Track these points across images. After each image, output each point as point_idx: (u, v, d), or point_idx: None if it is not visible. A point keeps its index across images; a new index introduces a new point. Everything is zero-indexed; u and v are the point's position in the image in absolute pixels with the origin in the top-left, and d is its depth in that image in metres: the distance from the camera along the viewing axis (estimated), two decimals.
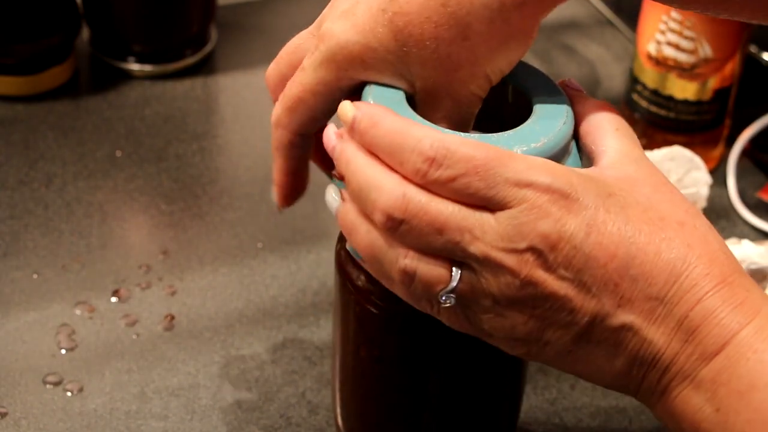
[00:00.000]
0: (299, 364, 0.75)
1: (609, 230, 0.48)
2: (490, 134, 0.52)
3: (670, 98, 0.88)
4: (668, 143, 0.83)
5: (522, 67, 0.56)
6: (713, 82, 0.87)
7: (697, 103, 0.88)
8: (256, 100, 0.97)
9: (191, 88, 0.98)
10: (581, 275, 0.48)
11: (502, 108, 0.58)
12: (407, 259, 0.50)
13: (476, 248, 0.49)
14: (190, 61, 1.00)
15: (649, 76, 0.88)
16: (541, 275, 0.49)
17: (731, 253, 0.50)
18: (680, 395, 0.49)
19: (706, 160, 0.83)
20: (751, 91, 0.95)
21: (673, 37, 0.86)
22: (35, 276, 0.80)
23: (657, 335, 0.49)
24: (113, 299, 0.78)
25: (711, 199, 0.85)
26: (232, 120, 0.96)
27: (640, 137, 0.90)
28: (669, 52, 0.86)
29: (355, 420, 0.65)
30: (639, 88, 0.89)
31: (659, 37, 0.86)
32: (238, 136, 0.94)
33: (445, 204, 0.49)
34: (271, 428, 0.71)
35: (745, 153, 0.92)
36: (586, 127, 0.54)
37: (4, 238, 0.82)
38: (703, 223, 0.50)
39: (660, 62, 0.87)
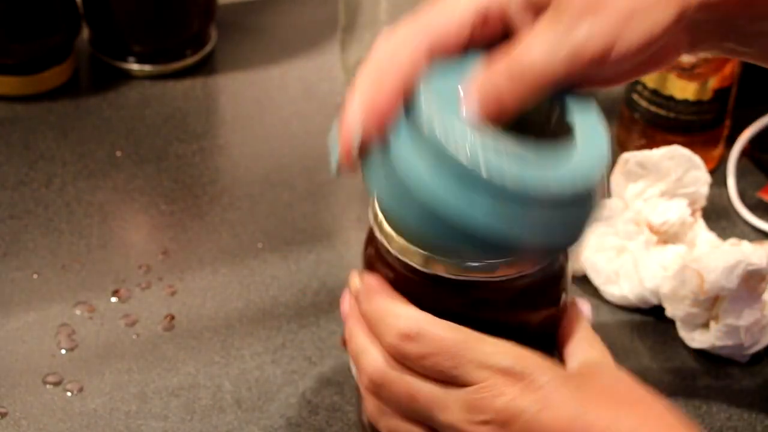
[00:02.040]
0: (299, 364, 0.75)
1: (561, 407, 0.53)
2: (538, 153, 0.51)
3: (670, 98, 0.88)
4: (668, 143, 0.83)
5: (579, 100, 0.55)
6: (713, 82, 0.87)
7: (697, 103, 0.88)
8: (256, 100, 0.97)
9: (191, 88, 0.98)
10: None
11: (543, 129, 0.57)
12: (392, 420, 0.57)
13: (444, 418, 0.54)
14: (190, 61, 1.00)
15: (649, 76, 0.88)
16: None
17: (688, 424, 0.53)
18: None
19: (706, 160, 0.83)
20: (751, 91, 0.95)
21: None
22: (35, 276, 0.80)
23: None
24: (113, 299, 0.78)
25: (711, 199, 0.85)
26: (232, 120, 0.96)
27: (640, 137, 0.91)
28: None
29: None
30: (639, 88, 0.89)
31: None
32: (238, 136, 0.94)
33: (415, 378, 0.55)
34: (271, 428, 0.71)
35: (745, 153, 0.92)
36: (565, 328, 0.58)
37: (4, 238, 0.82)
38: (661, 403, 0.54)
39: None
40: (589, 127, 0.54)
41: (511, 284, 0.57)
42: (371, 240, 0.60)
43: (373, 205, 0.58)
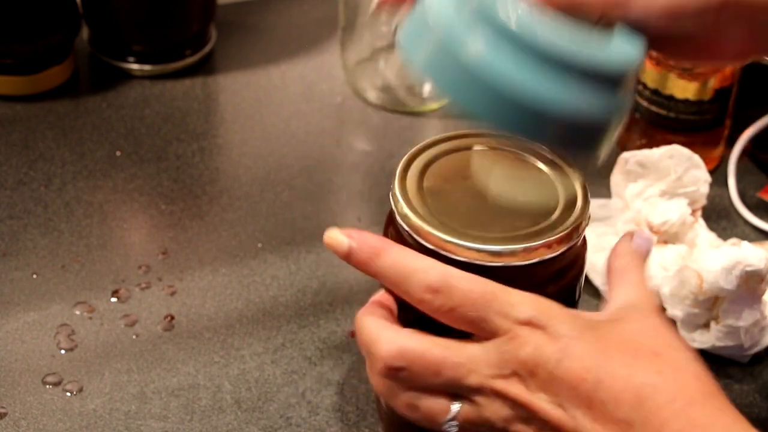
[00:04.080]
0: (299, 364, 0.75)
1: (579, 356, 0.53)
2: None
3: (671, 98, 0.88)
4: (669, 143, 0.83)
5: None
6: (714, 82, 0.87)
7: (698, 103, 0.88)
8: (256, 100, 0.97)
9: (191, 88, 0.98)
10: (558, 397, 0.54)
11: None
12: (408, 396, 0.56)
13: (472, 380, 0.55)
14: (189, 60, 1.00)
15: (650, 76, 0.88)
16: (526, 396, 0.54)
17: (707, 378, 0.53)
18: None
19: (706, 160, 0.83)
20: (752, 91, 0.94)
21: None
22: (35, 276, 0.80)
23: None
24: (113, 299, 0.78)
25: (711, 199, 0.85)
26: (232, 120, 0.96)
27: (640, 137, 0.90)
28: None
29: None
30: (639, 87, 0.89)
31: None
32: (238, 136, 0.94)
33: (438, 346, 0.55)
34: (271, 428, 0.71)
35: (746, 153, 0.92)
36: (612, 266, 0.59)
37: (4, 238, 0.82)
38: (683, 354, 0.54)
39: (660, 62, 0.87)
40: (626, 41, 0.57)
41: (529, 270, 0.58)
42: (391, 221, 0.62)
43: (393, 187, 0.60)
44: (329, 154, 0.92)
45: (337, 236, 0.59)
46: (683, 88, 0.87)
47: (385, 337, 0.56)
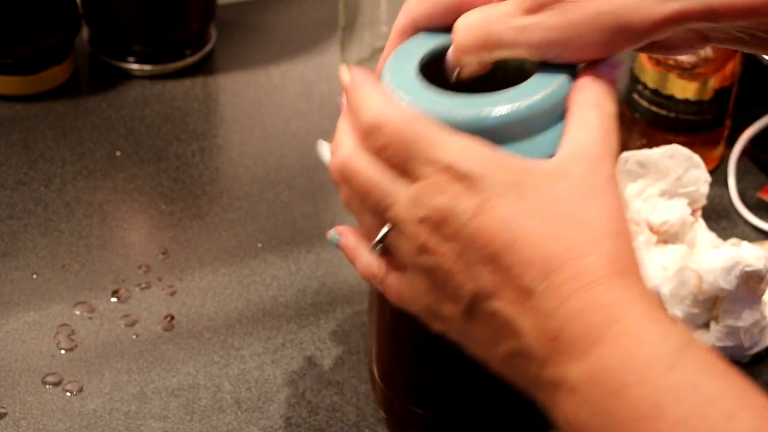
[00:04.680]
0: (299, 364, 0.75)
1: (495, 215, 0.51)
2: (476, 94, 0.55)
3: (671, 98, 0.88)
4: (668, 143, 0.83)
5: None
6: (714, 82, 0.87)
7: (698, 103, 0.88)
8: (256, 100, 0.97)
9: (191, 87, 0.98)
10: (464, 253, 0.51)
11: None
12: (356, 209, 0.56)
13: (392, 213, 0.53)
14: (189, 60, 1.00)
15: (650, 76, 0.88)
16: (432, 245, 0.52)
17: (625, 255, 0.50)
18: (560, 400, 0.49)
19: (706, 160, 0.83)
20: (752, 91, 0.94)
21: None
22: (35, 276, 0.80)
23: (526, 327, 0.50)
24: (113, 299, 0.78)
25: (711, 199, 0.85)
26: (232, 120, 0.96)
27: (640, 137, 0.90)
28: None
29: (389, 368, 0.66)
30: (639, 87, 0.89)
31: None
32: (238, 136, 0.94)
33: (374, 170, 0.54)
34: (270, 428, 0.71)
35: (746, 153, 0.92)
36: (572, 100, 0.54)
37: (4, 238, 0.82)
38: (608, 226, 0.50)
39: (660, 62, 0.87)
40: (544, 80, 0.55)
41: None
42: None
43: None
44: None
45: (342, 72, 0.57)
46: (683, 88, 0.87)
47: (344, 144, 0.55)
